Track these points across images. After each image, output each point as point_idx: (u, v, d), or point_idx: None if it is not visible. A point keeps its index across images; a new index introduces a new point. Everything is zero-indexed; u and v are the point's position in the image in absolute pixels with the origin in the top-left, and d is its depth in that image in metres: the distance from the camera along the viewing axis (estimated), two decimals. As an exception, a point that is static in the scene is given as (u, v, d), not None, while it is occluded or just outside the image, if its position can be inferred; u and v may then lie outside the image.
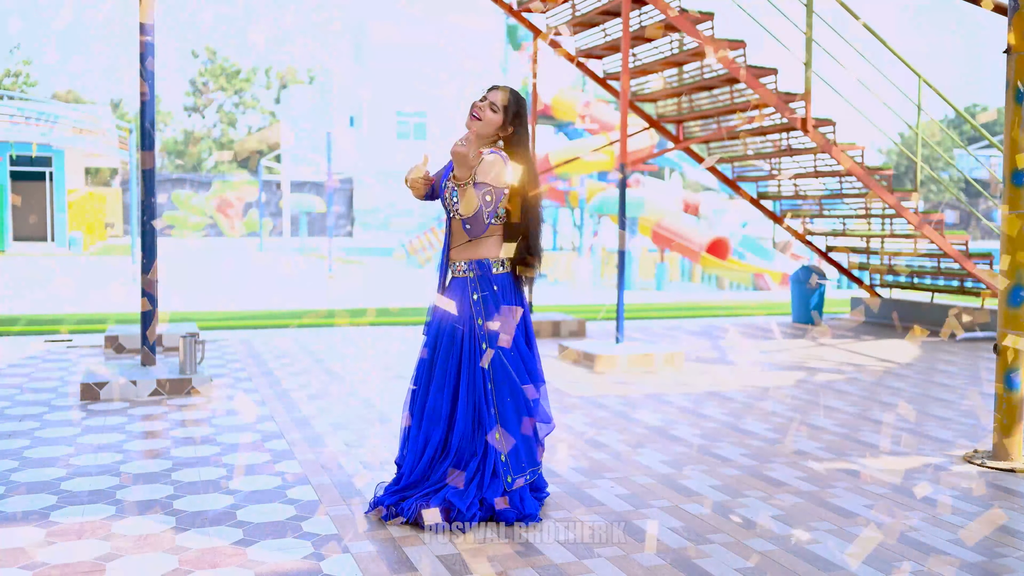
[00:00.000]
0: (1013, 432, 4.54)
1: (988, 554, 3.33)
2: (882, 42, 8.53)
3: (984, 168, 13.08)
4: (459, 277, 3.69)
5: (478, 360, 3.60)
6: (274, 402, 5.75)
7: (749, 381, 6.78)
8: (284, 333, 9.05)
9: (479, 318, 3.62)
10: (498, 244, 3.70)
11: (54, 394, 5.89)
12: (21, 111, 24.32)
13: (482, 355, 3.60)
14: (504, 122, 3.67)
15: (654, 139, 20.04)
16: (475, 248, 3.67)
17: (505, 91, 3.68)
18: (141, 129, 6.08)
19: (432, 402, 3.64)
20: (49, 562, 3.09)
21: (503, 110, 3.66)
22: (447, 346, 3.65)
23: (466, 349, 3.62)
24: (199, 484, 3.98)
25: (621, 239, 7.32)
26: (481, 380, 3.59)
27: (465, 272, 3.68)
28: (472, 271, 3.66)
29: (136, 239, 16.39)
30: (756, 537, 3.46)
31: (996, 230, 7.40)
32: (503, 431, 3.57)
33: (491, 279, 3.65)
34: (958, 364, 7.72)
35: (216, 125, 63.53)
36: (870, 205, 9.72)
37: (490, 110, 3.65)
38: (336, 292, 14.64)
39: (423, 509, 3.43)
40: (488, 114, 3.65)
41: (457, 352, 3.63)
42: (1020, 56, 4.48)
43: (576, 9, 9.09)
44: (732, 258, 20.53)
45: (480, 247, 3.67)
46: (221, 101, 62.50)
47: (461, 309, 3.64)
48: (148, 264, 6.09)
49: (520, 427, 3.61)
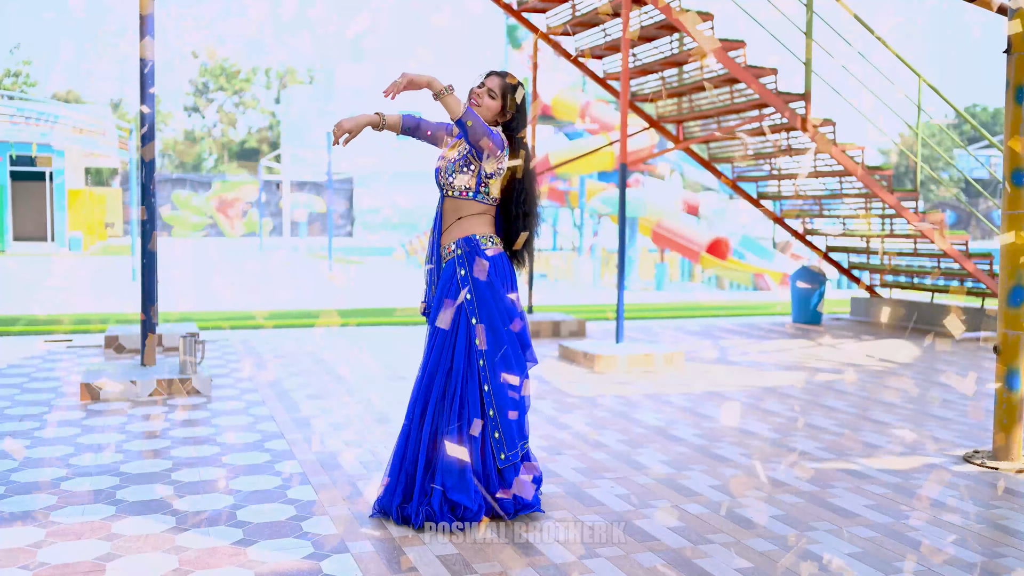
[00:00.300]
0: (1013, 432, 4.54)
1: (988, 554, 3.33)
2: (882, 42, 8.53)
3: (984, 168, 13.07)
4: (449, 259, 3.65)
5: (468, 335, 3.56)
6: (274, 402, 5.75)
7: (749, 381, 6.78)
8: (284, 333, 9.05)
9: (468, 293, 3.58)
10: (488, 223, 3.67)
11: (54, 394, 5.89)
12: (21, 111, 24.33)
13: (473, 330, 3.56)
14: (503, 108, 3.67)
15: (654, 139, 20.03)
16: (462, 226, 3.64)
17: (503, 77, 3.66)
18: (142, 121, 6.08)
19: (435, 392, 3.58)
20: (49, 562, 3.09)
21: (501, 96, 3.65)
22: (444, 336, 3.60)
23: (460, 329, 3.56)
24: (199, 484, 3.98)
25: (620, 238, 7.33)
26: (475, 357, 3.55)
27: (453, 251, 3.64)
28: (460, 248, 3.62)
29: (136, 239, 16.38)
30: (756, 537, 3.45)
31: (996, 230, 7.40)
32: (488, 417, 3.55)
33: (481, 256, 3.61)
34: (958, 364, 7.72)
35: (216, 125, 63.52)
36: (870, 205, 9.73)
37: (488, 96, 3.64)
38: (336, 292, 14.64)
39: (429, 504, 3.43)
40: (486, 100, 3.64)
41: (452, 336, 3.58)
42: (1020, 56, 4.48)
43: (576, 9, 9.10)
44: (732, 258, 20.54)
45: (468, 225, 3.63)
46: (221, 101, 62.48)
47: (450, 288, 3.60)
48: (148, 263, 6.10)
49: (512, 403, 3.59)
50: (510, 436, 3.58)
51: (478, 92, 3.65)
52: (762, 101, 8.70)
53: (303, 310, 11.33)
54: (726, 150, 10.45)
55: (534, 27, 9.52)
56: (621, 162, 7.41)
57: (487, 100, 3.65)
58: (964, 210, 42.91)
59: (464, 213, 3.65)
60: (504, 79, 3.66)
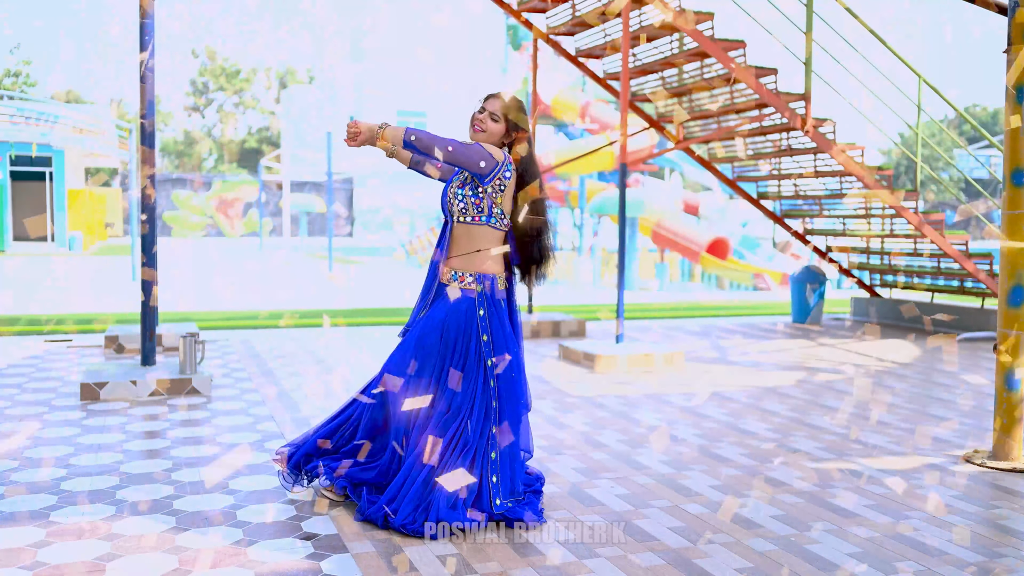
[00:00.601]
0: (1013, 432, 4.54)
1: (988, 554, 3.33)
2: (882, 42, 8.53)
3: (984, 168, 13.07)
4: (466, 289, 3.64)
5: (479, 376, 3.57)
6: (274, 402, 5.75)
7: (749, 381, 6.78)
8: (284, 333, 9.05)
9: (484, 335, 3.61)
10: (503, 258, 3.70)
11: (54, 394, 5.89)
12: (21, 111, 24.32)
13: (486, 371, 3.58)
14: (507, 129, 3.67)
15: (654, 139, 20.03)
16: (480, 261, 3.63)
17: (502, 98, 3.65)
18: (141, 128, 6.08)
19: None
20: (49, 562, 3.09)
21: (503, 118, 3.65)
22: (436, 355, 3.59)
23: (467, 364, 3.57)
24: (199, 484, 3.98)
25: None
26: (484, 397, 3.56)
27: (471, 286, 3.64)
28: (480, 285, 3.64)
29: (136, 239, 16.38)
30: (756, 537, 3.46)
31: (996, 230, 7.41)
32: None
33: (497, 295, 3.67)
34: (958, 364, 7.72)
35: (216, 125, 63.52)
36: (870, 205, 9.73)
37: (491, 120, 3.64)
38: (336, 292, 14.64)
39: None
40: (490, 125, 3.64)
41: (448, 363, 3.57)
42: (1020, 56, 4.48)
43: (576, 9, 9.10)
44: (732, 258, 20.54)
45: (485, 260, 3.64)
46: (221, 101, 62.48)
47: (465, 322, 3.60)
48: (149, 259, 6.10)
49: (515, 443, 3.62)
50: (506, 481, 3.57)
51: (480, 118, 3.65)
52: (762, 101, 8.70)
53: (303, 310, 11.33)
54: (726, 150, 10.45)
55: (534, 27, 9.51)
56: (621, 162, 7.42)
57: (490, 124, 3.65)
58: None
59: (482, 246, 3.64)
60: (503, 100, 3.65)
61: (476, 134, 3.65)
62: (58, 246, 27.05)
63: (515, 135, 3.69)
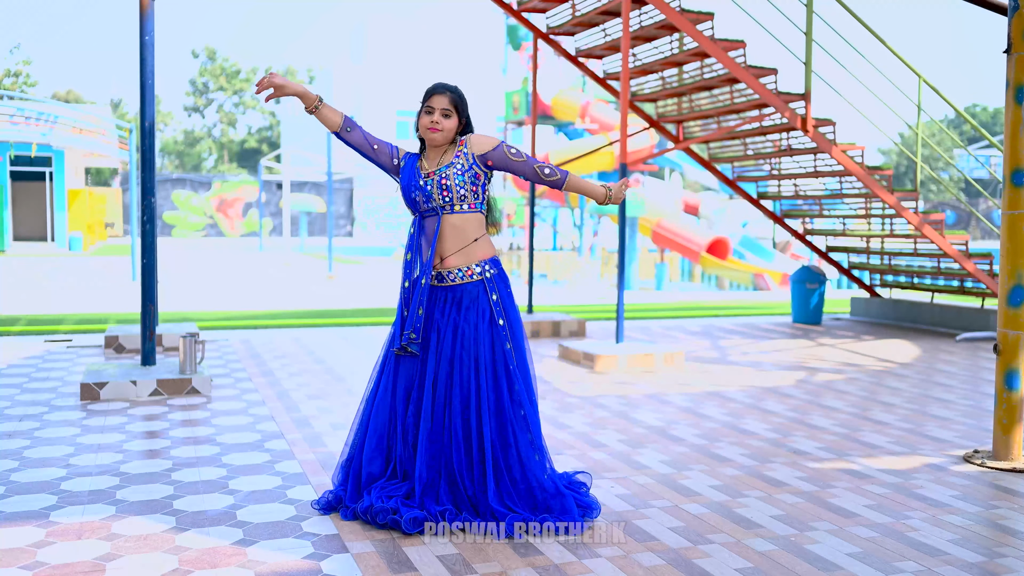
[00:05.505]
0: (1013, 432, 4.54)
1: (988, 554, 3.33)
2: (882, 42, 8.53)
3: (984, 168, 13.07)
4: (471, 282, 3.58)
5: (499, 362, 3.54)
6: (274, 402, 5.75)
7: (749, 381, 6.78)
8: (284, 333, 9.05)
9: (500, 319, 3.58)
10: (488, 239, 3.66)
11: (54, 394, 5.89)
12: (21, 111, 24.30)
13: (505, 356, 3.55)
14: (459, 121, 3.62)
15: (654, 139, 20.03)
16: (476, 248, 3.59)
17: (446, 92, 3.58)
18: (141, 129, 6.08)
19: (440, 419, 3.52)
20: (49, 562, 3.09)
21: (455, 111, 3.59)
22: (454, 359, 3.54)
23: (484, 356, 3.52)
24: (199, 484, 3.98)
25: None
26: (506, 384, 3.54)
27: (480, 275, 3.59)
28: (489, 270, 3.61)
29: (136, 239, 16.39)
30: (756, 537, 3.46)
31: (996, 230, 7.42)
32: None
33: (502, 272, 3.64)
34: (958, 364, 7.72)
35: (216, 125, 63.51)
36: (870, 205, 9.73)
37: (443, 117, 3.56)
38: (336, 292, 14.64)
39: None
40: (445, 123, 3.56)
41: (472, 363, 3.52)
42: (1020, 56, 4.48)
43: (576, 9, 9.10)
44: (732, 258, 20.54)
45: (482, 245, 3.61)
46: (221, 101, 62.47)
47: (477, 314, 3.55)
48: (149, 261, 6.09)
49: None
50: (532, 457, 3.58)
51: (434, 120, 3.54)
52: (762, 101, 8.69)
53: (303, 310, 11.33)
54: (726, 150, 10.45)
55: (534, 27, 9.51)
56: (621, 162, 7.41)
57: (445, 122, 3.56)
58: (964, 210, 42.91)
59: (478, 234, 3.60)
60: (450, 92, 3.57)
61: (433, 135, 3.56)
62: (58, 246, 27.04)
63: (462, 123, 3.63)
